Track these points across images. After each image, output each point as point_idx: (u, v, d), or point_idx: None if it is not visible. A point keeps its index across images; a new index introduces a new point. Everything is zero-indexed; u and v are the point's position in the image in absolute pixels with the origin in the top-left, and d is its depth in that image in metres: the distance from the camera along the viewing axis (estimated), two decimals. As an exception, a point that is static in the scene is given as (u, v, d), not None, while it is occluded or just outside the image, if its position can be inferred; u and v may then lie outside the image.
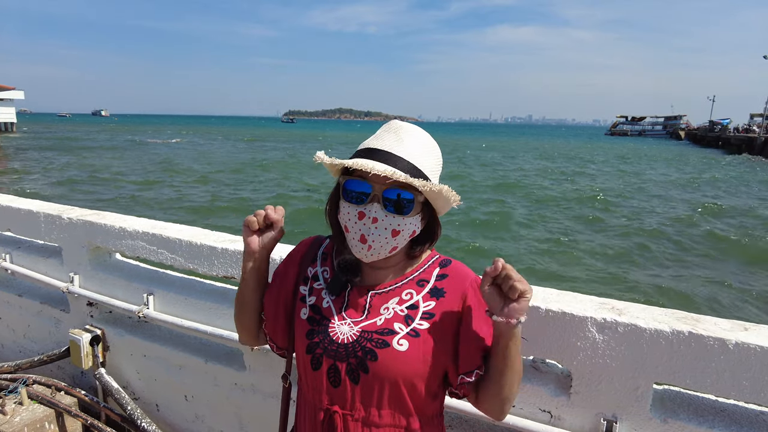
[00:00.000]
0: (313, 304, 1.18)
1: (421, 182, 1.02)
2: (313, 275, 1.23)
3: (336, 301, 1.16)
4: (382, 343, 1.07)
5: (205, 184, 20.13)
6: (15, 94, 47.13)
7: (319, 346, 1.11)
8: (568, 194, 19.69)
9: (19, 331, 3.02)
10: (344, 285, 1.16)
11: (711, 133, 75.41)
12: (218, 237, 2.21)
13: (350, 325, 1.11)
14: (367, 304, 1.14)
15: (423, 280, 1.15)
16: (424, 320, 1.10)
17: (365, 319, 1.12)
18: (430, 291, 1.13)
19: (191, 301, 2.24)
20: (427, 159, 1.10)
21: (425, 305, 1.12)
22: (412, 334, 1.08)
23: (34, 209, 2.71)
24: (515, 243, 11.93)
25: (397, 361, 1.06)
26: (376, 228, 1.05)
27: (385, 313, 1.12)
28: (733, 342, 1.24)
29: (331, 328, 1.12)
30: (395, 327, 1.09)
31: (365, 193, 1.06)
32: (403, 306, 1.12)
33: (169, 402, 2.46)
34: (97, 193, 17.41)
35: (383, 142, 1.09)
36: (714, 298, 8.21)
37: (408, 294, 1.13)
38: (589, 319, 1.39)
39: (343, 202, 1.10)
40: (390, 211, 1.05)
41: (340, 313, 1.14)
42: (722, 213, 16.34)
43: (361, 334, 1.09)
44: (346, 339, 1.10)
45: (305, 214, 14.04)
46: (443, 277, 1.15)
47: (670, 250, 11.33)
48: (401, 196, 1.05)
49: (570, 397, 1.46)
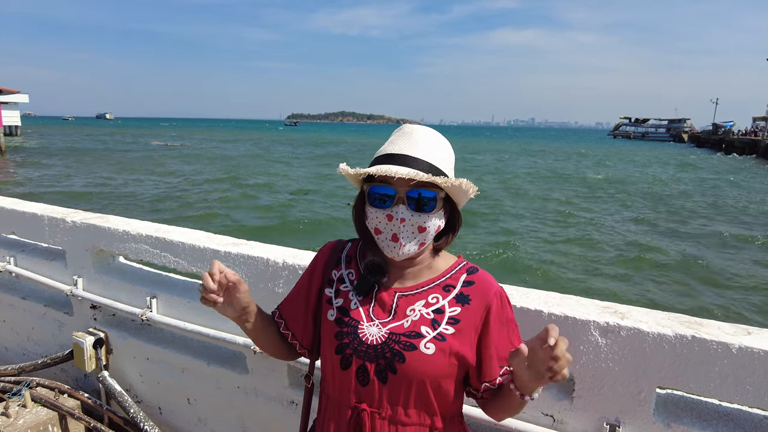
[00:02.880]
0: (340, 306, 1.21)
1: (443, 179, 1.08)
2: (339, 278, 1.26)
3: (363, 302, 1.19)
4: (410, 346, 1.10)
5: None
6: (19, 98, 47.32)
7: (348, 347, 1.14)
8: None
9: (22, 334, 3.03)
10: (372, 286, 1.19)
11: (714, 135, 75.22)
12: (221, 240, 2.22)
13: (378, 326, 1.14)
14: (394, 304, 1.17)
15: (449, 286, 1.18)
16: (450, 325, 1.13)
17: (392, 320, 1.15)
18: (456, 297, 1.16)
19: (194, 304, 2.25)
20: (441, 156, 1.15)
21: (451, 310, 1.14)
22: (438, 338, 1.11)
23: (38, 212, 2.72)
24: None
25: (424, 363, 1.09)
26: (404, 227, 1.10)
27: (411, 314, 1.15)
28: (736, 346, 1.24)
29: (360, 329, 1.15)
30: (422, 330, 1.12)
31: (389, 196, 1.11)
32: (430, 309, 1.15)
33: (171, 405, 2.47)
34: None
35: (399, 146, 1.14)
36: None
37: (434, 298, 1.16)
38: (591, 323, 1.39)
39: (370, 207, 1.15)
40: (414, 210, 1.10)
41: (368, 314, 1.17)
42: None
43: (389, 336, 1.12)
44: (375, 340, 1.13)
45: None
46: (470, 284, 1.18)
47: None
48: (423, 195, 1.10)
49: (573, 401, 1.46)
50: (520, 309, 1.48)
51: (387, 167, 1.07)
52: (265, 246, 2.14)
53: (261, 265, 1.97)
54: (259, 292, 1.98)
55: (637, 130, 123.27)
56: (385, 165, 1.10)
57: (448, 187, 1.10)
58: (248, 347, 2.00)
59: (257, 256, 1.99)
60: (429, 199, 1.11)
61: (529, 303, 1.49)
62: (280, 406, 2.05)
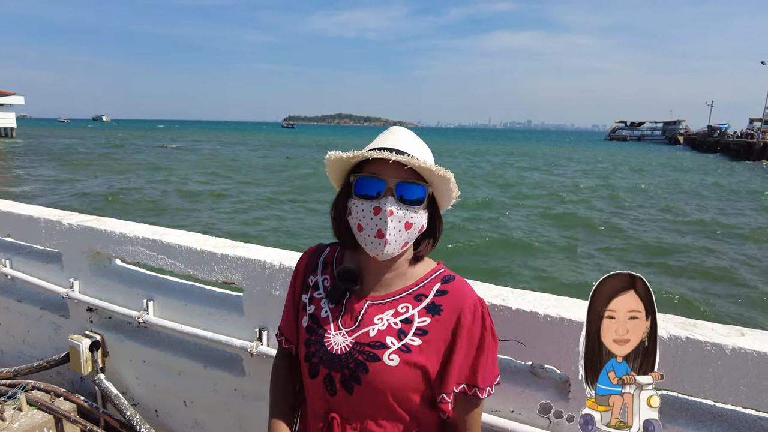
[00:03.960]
0: (312, 314, 1.19)
1: (436, 167, 1.06)
2: (314, 284, 1.24)
3: (334, 310, 1.17)
4: (373, 357, 1.08)
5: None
6: (15, 100, 47.17)
7: (315, 355, 1.13)
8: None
9: (18, 337, 3.02)
10: (343, 293, 1.16)
11: (710, 138, 75.59)
12: (218, 243, 2.22)
13: (344, 335, 1.12)
14: (362, 312, 1.14)
15: (421, 295, 1.15)
16: (417, 336, 1.09)
17: (357, 328, 1.12)
18: (427, 307, 1.13)
19: (191, 307, 2.24)
20: (426, 154, 1.14)
21: (420, 321, 1.11)
22: (403, 350, 1.08)
23: (35, 215, 2.72)
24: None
25: (387, 375, 1.07)
26: (392, 221, 1.06)
27: (378, 323, 1.12)
28: (730, 347, 1.25)
29: (327, 338, 1.13)
30: (387, 341, 1.09)
31: (379, 187, 1.08)
32: (398, 319, 1.12)
33: (168, 408, 2.46)
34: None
35: (390, 142, 1.13)
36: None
37: (404, 307, 1.13)
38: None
39: (356, 200, 1.11)
40: (404, 203, 1.08)
41: (336, 323, 1.15)
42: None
43: (353, 345, 1.10)
44: (340, 350, 1.11)
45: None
46: (443, 294, 1.14)
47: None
48: (412, 188, 1.09)
49: (569, 402, 1.47)
50: (516, 311, 1.48)
51: (384, 152, 1.05)
52: (261, 248, 2.14)
53: (258, 267, 1.98)
54: (256, 294, 1.98)
55: (633, 133, 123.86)
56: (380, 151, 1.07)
57: (438, 180, 1.09)
58: (245, 350, 1.99)
59: (254, 259, 1.99)
60: (418, 191, 1.09)
61: (524, 305, 1.50)
62: (277, 409, 2.05)
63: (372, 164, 1.10)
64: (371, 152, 1.07)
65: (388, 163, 1.05)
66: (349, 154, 1.09)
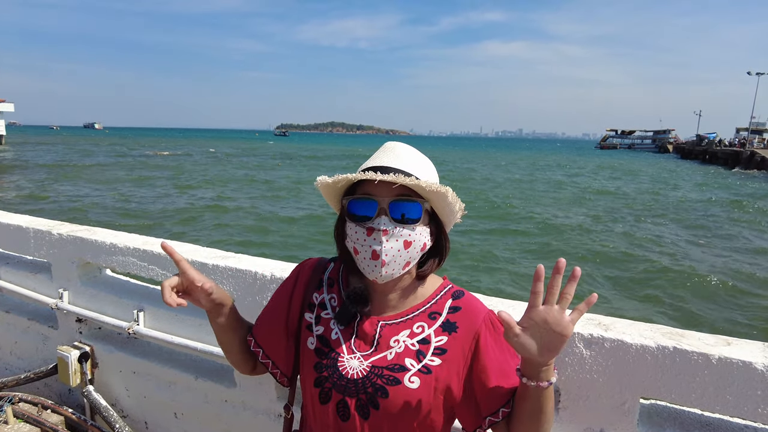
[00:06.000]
0: (320, 335, 1.15)
1: (426, 183, 1.01)
2: (320, 303, 1.19)
3: (344, 332, 1.13)
4: (394, 381, 1.05)
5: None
6: (5, 107, 46.87)
7: (328, 381, 1.09)
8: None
9: (5, 348, 2.98)
10: (353, 316, 1.12)
11: (698, 146, 76.58)
12: (209, 253, 2.21)
13: (360, 359, 1.09)
14: (376, 335, 1.11)
15: (435, 313, 1.12)
16: (435, 356, 1.07)
17: (375, 352, 1.09)
18: (442, 325, 1.11)
19: (181, 318, 2.23)
20: (424, 170, 1.10)
21: (437, 340, 1.09)
22: (423, 371, 1.06)
23: (24, 225, 2.69)
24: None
25: (408, 398, 1.04)
26: (387, 240, 1.02)
27: (395, 346, 1.09)
28: (716, 357, 1.27)
29: (341, 362, 1.09)
30: (406, 363, 1.07)
31: (371, 208, 1.05)
32: (414, 340, 1.09)
33: (158, 419, 2.44)
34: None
35: (381, 160, 1.09)
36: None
37: (419, 327, 1.11)
38: (576, 334, 1.41)
39: (349, 223, 1.08)
40: (398, 221, 1.04)
41: (349, 346, 1.11)
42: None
43: (371, 369, 1.07)
44: (356, 374, 1.07)
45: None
46: (456, 310, 1.12)
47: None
48: (406, 206, 1.04)
49: (558, 412, 1.47)
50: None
51: (369, 173, 1.01)
52: (252, 259, 2.14)
53: (249, 278, 1.97)
54: (247, 305, 1.97)
55: (623, 142, 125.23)
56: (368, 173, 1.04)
57: (433, 196, 1.04)
58: (236, 360, 1.99)
59: (245, 269, 1.98)
60: (413, 209, 1.05)
61: (516, 316, 1.50)
62: (268, 420, 2.04)
63: (364, 184, 1.07)
64: (357, 175, 1.04)
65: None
66: (335, 178, 1.05)
